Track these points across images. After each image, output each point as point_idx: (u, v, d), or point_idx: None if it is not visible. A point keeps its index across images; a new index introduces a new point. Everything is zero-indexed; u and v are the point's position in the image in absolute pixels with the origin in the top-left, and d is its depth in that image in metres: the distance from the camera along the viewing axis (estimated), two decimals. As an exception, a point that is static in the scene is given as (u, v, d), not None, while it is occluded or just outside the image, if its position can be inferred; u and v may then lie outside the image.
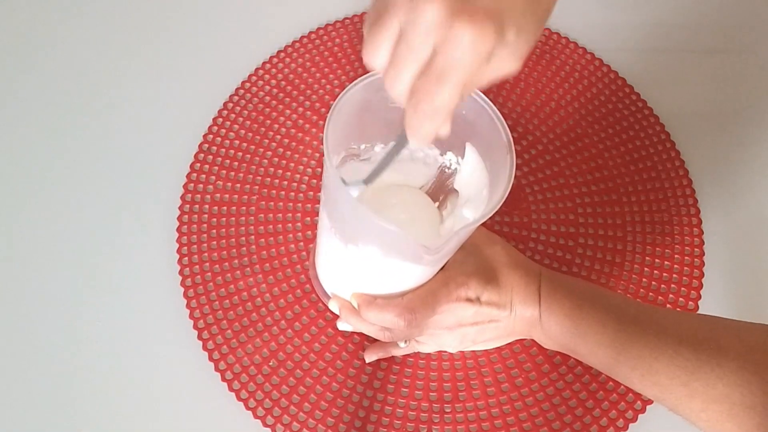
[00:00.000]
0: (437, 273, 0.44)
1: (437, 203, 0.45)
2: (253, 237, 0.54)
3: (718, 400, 0.36)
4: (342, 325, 0.49)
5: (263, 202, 0.55)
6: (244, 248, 0.53)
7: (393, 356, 0.50)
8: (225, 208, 0.55)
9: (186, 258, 0.53)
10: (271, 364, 0.49)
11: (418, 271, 0.42)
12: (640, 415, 0.48)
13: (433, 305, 0.43)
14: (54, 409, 0.48)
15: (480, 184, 0.41)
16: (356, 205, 0.36)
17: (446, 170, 0.45)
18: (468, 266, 0.44)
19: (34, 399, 0.48)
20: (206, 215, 0.54)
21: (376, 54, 0.30)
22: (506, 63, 0.30)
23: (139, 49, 0.63)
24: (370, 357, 0.49)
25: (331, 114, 0.37)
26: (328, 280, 0.47)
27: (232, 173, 0.56)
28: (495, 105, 0.59)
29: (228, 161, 0.57)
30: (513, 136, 0.60)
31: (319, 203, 0.48)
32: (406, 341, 0.48)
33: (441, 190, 0.45)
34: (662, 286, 0.53)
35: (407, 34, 0.29)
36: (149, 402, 0.48)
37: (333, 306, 0.46)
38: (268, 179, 0.56)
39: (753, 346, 0.37)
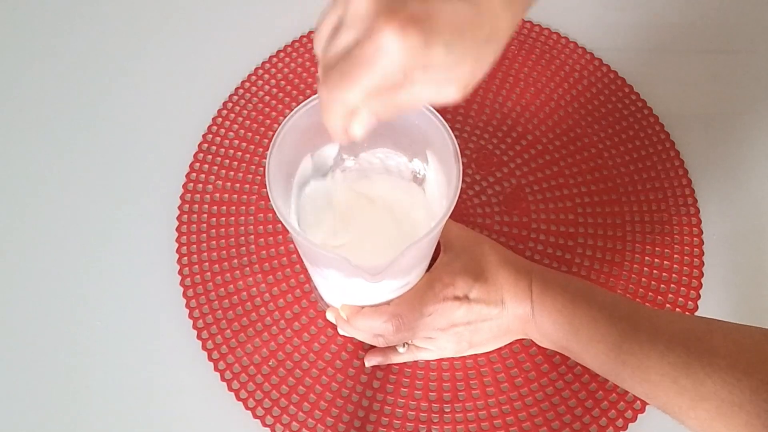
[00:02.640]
0: (423, 276, 0.44)
1: None
2: (252, 237, 0.54)
3: (707, 397, 0.36)
4: (342, 331, 0.49)
5: (263, 202, 0.55)
6: (244, 248, 0.53)
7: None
8: (225, 208, 0.55)
9: (185, 258, 0.53)
10: (270, 363, 0.49)
11: (392, 285, 0.42)
12: (639, 415, 0.48)
13: (420, 308, 0.43)
14: (53, 409, 0.48)
15: (441, 192, 0.41)
16: (297, 232, 0.36)
17: (417, 176, 0.45)
18: (455, 266, 0.44)
19: (33, 399, 0.48)
20: (206, 215, 0.55)
21: (318, 43, 0.30)
22: (438, 87, 0.28)
23: (139, 49, 0.63)
24: (369, 362, 0.49)
25: (270, 151, 0.37)
26: (321, 292, 0.48)
27: (232, 173, 0.56)
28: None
29: (228, 161, 0.57)
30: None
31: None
32: (404, 345, 0.48)
33: None
34: (662, 286, 0.53)
35: (340, 23, 0.28)
36: (148, 402, 0.48)
37: (329, 316, 0.48)
38: (268, 179, 0.56)
39: (744, 346, 0.37)
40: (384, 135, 0.43)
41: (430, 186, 0.44)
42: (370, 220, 0.45)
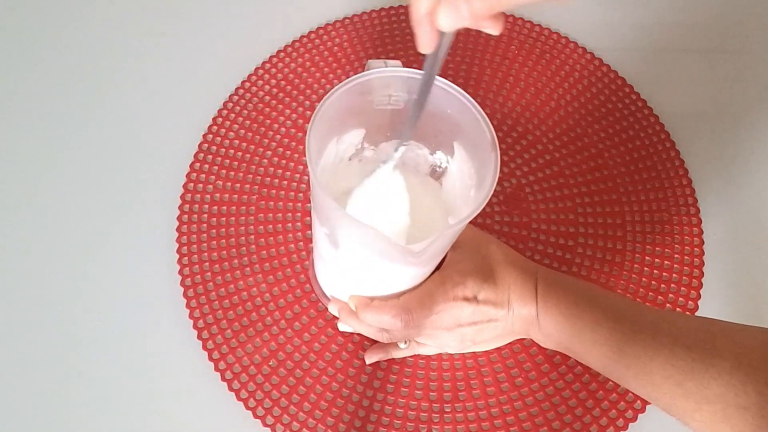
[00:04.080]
0: (433, 273, 0.44)
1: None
2: (252, 237, 0.54)
3: (712, 400, 0.36)
4: (343, 326, 0.49)
5: (263, 202, 0.55)
6: (244, 248, 0.53)
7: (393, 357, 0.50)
8: (225, 208, 0.55)
9: (186, 258, 0.53)
10: (270, 363, 0.49)
11: (411, 272, 0.42)
12: (639, 415, 0.48)
13: (430, 305, 0.43)
14: (53, 409, 0.48)
15: (468, 183, 0.41)
16: (337, 208, 0.36)
17: (437, 169, 0.45)
18: (464, 265, 0.44)
19: (32, 398, 0.48)
20: (206, 215, 0.55)
21: None
22: None
23: (139, 49, 0.63)
24: (370, 358, 0.49)
25: (313, 120, 0.37)
26: (326, 283, 0.48)
27: (232, 173, 0.56)
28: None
29: (228, 161, 0.57)
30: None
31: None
32: (406, 342, 0.48)
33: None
34: (662, 286, 0.53)
35: None
36: (149, 402, 0.48)
37: (332, 308, 0.46)
38: (268, 179, 0.56)
39: (748, 347, 0.37)
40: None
41: (450, 179, 0.44)
42: (386, 211, 0.45)
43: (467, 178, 0.41)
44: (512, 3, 0.31)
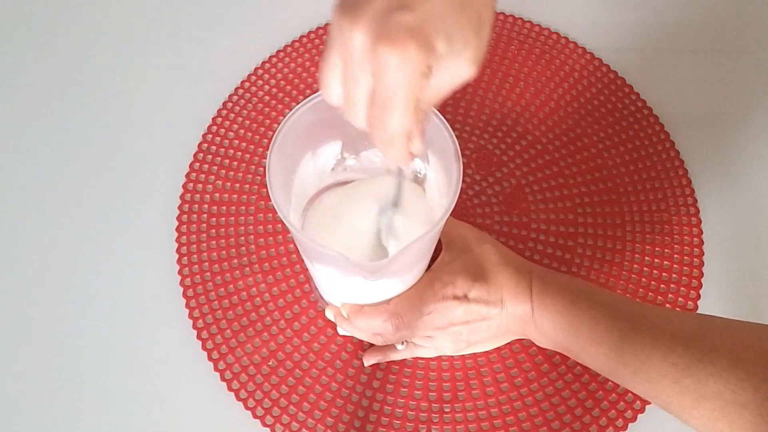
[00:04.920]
0: (423, 275, 0.44)
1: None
2: (252, 237, 0.54)
3: (710, 397, 0.36)
4: (342, 331, 0.49)
5: (263, 202, 0.55)
6: (244, 248, 0.53)
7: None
8: (225, 208, 0.55)
9: (185, 258, 0.53)
10: (270, 363, 0.49)
11: (392, 282, 0.42)
12: (639, 415, 0.48)
13: (420, 307, 0.43)
14: (53, 409, 0.48)
15: (442, 191, 0.41)
16: (297, 230, 0.36)
17: (418, 175, 0.45)
18: (455, 265, 0.44)
19: (32, 399, 0.48)
20: (206, 215, 0.55)
21: (329, 90, 0.31)
22: (455, 71, 0.30)
23: (139, 49, 0.63)
24: (368, 361, 0.49)
25: (271, 149, 0.37)
26: (321, 290, 0.48)
27: (232, 173, 0.56)
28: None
29: (227, 161, 0.57)
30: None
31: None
32: (403, 343, 0.48)
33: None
34: (662, 286, 0.53)
35: (345, 65, 0.29)
36: (148, 402, 0.48)
37: (329, 314, 0.47)
38: (268, 179, 0.56)
39: (745, 344, 0.37)
40: None
41: (430, 185, 0.44)
42: (369, 218, 0.45)
43: (441, 186, 0.41)
44: (441, 93, 0.31)
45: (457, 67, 0.30)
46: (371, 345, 0.50)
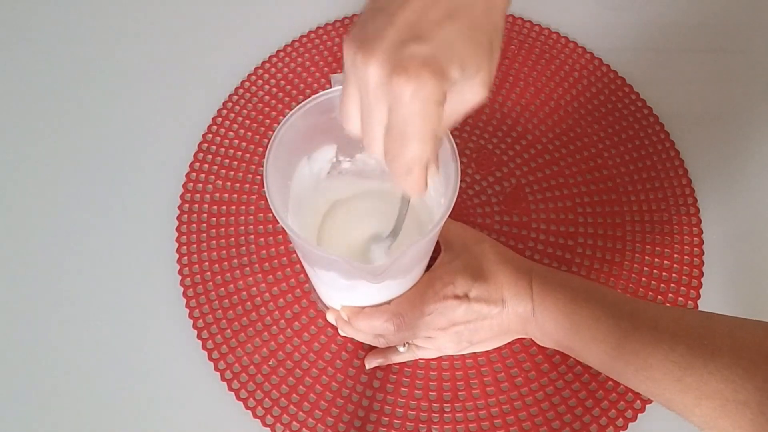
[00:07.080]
0: (423, 275, 0.44)
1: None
2: (252, 237, 0.54)
3: (711, 395, 0.36)
4: (343, 333, 0.49)
5: (263, 202, 0.55)
6: (244, 248, 0.53)
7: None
8: (224, 207, 0.55)
9: (185, 258, 0.53)
10: (270, 363, 0.49)
11: (392, 284, 0.42)
12: (639, 415, 0.48)
13: (421, 307, 0.43)
14: (52, 409, 0.48)
15: (440, 191, 0.42)
16: (296, 234, 0.36)
17: None
18: (454, 264, 0.44)
19: (31, 398, 0.48)
20: (206, 215, 0.55)
21: (351, 122, 0.31)
22: (467, 97, 0.31)
23: (139, 49, 0.63)
24: (370, 363, 0.49)
25: (268, 154, 0.37)
26: (321, 293, 0.48)
27: (232, 173, 0.56)
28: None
29: (227, 161, 0.57)
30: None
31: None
32: (404, 345, 0.48)
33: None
34: (662, 285, 0.53)
35: (363, 98, 0.30)
36: (148, 401, 0.48)
37: (330, 317, 0.48)
38: (268, 179, 0.56)
39: (746, 342, 0.37)
40: None
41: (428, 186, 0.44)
42: (368, 221, 0.45)
43: (439, 185, 0.41)
44: (456, 117, 0.32)
45: (470, 92, 0.30)
46: (371, 347, 0.50)
